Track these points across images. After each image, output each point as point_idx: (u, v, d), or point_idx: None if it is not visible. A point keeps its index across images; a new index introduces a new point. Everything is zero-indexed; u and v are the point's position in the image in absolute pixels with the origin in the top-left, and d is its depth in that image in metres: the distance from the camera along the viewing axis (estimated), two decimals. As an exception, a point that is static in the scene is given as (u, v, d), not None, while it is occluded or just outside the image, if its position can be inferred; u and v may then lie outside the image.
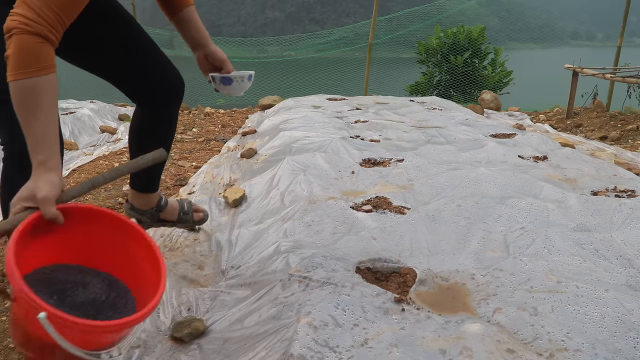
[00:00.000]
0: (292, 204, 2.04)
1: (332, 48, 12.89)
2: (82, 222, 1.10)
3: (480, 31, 10.41)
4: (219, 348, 1.23)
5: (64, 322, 0.90)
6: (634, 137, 4.63)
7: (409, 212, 1.93)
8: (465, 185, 2.20)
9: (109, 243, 1.14)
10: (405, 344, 1.09)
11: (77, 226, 1.09)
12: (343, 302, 1.24)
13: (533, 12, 44.72)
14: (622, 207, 1.89)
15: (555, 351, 1.08)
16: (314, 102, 5.09)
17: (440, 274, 1.48)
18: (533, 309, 1.23)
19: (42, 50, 1.04)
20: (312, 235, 1.74)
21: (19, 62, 1.02)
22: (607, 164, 2.69)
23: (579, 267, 1.49)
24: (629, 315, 1.20)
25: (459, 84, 10.22)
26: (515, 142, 3.18)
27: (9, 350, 1.34)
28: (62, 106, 5.38)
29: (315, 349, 1.08)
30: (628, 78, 5.38)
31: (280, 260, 1.55)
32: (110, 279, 1.12)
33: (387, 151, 2.92)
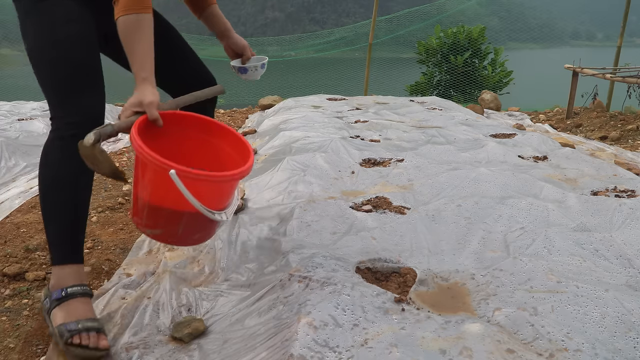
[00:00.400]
0: (292, 204, 2.04)
1: (332, 48, 12.88)
2: (175, 125, 1.36)
3: (481, 31, 10.40)
4: (219, 348, 1.23)
5: (190, 175, 1.15)
6: (634, 137, 4.63)
7: (409, 212, 1.92)
8: (465, 185, 2.20)
9: (198, 142, 1.41)
10: (405, 344, 1.09)
11: (171, 130, 1.36)
12: (343, 302, 1.24)
13: (533, 12, 44.71)
14: (622, 207, 1.89)
15: (555, 351, 1.08)
16: (314, 102, 5.09)
17: (440, 274, 1.48)
18: (533, 308, 1.23)
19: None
20: (312, 235, 1.74)
21: (129, 2, 1.29)
22: (607, 164, 2.69)
23: (579, 267, 1.48)
24: (629, 315, 1.20)
25: (459, 84, 10.22)
26: (515, 142, 3.18)
27: (9, 350, 1.34)
28: (62, 106, 5.38)
29: (315, 348, 1.08)
30: (628, 78, 5.37)
31: (280, 260, 1.55)
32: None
33: (387, 151, 2.92)
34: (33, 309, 1.53)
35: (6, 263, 1.76)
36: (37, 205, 2.36)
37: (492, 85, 10.01)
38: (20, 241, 1.91)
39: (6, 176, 3.04)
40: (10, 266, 1.72)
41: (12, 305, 1.55)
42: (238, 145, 1.39)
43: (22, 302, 1.57)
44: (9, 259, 1.79)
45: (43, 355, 1.32)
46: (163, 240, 1.36)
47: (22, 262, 1.78)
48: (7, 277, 1.69)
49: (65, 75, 1.39)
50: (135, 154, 1.23)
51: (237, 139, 1.39)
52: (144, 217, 1.28)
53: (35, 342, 1.38)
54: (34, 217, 2.16)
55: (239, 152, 1.36)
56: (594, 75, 5.96)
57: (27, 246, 1.87)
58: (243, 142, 1.38)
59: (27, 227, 2.05)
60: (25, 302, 1.57)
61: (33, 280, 1.69)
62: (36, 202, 2.42)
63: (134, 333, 1.33)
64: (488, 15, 22.59)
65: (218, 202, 1.27)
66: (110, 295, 1.55)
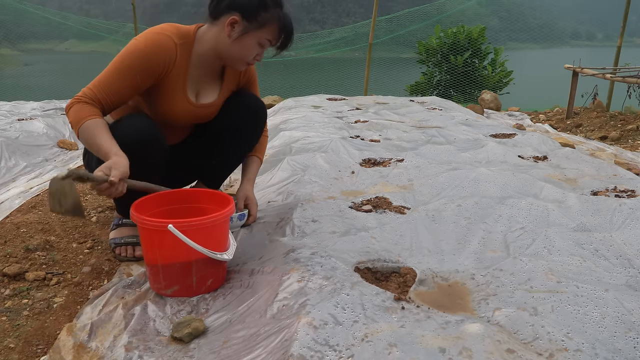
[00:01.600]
0: (292, 204, 2.04)
1: (332, 48, 12.89)
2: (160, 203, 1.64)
3: (481, 31, 10.41)
4: (219, 348, 1.23)
5: (185, 225, 1.39)
6: (634, 137, 4.63)
7: (409, 212, 1.92)
8: (465, 185, 2.20)
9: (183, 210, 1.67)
10: (404, 343, 1.09)
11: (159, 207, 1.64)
12: (343, 301, 1.24)
13: (533, 12, 44.69)
14: (622, 207, 1.89)
15: (555, 351, 1.08)
16: (314, 102, 5.09)
17: (440, 274, 1.48)
18: (533, 308, 1.23)
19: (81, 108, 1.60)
20: (312, 234, 1.74)
21: (72, 121, 1.60)
22: (607, 164, 2.69)
23: (579, 267, 1.49)
24: (629, 315, 1.20)
25: (459, 84, 10.22)
26: (515, 142, 3.18)
27: (9, 350, 1.34)
28: (62, 106, 5.38)
29: (315, 348, 1.08)
30: (628, 78, 5.37)
31: (280, 260, 1.55)
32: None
33: (387, 151, 2.92)
34: (33, 309, 1.53)
35: (6, 263, 1.76)
36: (37, 205, 2.36)
37: (492, 85, 10.01)
38: (20, 241, 1.92)
39: (6, 176, 3.04)
40: (10, 266, 1.72)
41: (12, 305, 1.55)
42: (217, 199, 1.64)
43: (22, 302, 1.57)
44: (9, 259, 1.79)
45: (43, 355, 1.32)
46: (183, 295, 1.50)
47: (22, 262, 1.78)
48: (7, 277, 1.69)
49: None
50: (138, 227, 1.49)
51: (214, 195, 1.67)
52: (161, 280, 1.49)
53: (35, 342, 1.38)
54: (34, 217, 2.16)
55: (219, 204, 1.60)
56: (594, 75, 5.96)
57: (27, 246, 1.87)
58: (220, 195, 1.65)
59: (27, 227, 2.05)
60: (25, 302, 1.57)
61: (33, 280, 1.69)
62: (36, 202, 2.42)
63: (134, 333, 1.33)
64: (488, 15, 22.58)
65: (217, 244, 1.47)
66: (110, 295, 1.55)
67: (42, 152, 3.59)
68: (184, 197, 1.70)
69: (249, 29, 1.69)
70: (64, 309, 1.55)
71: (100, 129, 1.56)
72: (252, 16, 1.67)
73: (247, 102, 1.93)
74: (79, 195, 1.48)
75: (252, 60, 1.76)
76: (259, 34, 1.70)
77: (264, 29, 1.69)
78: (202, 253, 1.41)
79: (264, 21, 1.68)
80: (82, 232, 2.09)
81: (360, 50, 10.91)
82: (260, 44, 1.72)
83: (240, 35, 1.69)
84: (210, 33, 1.74)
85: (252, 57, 1.75)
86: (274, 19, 1.69)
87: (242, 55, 1.73)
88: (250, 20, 1.68)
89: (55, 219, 2.19)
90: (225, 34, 1.70)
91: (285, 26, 1.72)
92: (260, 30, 1.69)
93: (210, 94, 1.86)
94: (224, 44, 1.71)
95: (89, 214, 2.30)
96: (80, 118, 1.56)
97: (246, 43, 1.71)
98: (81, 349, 1.29)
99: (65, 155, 3.63)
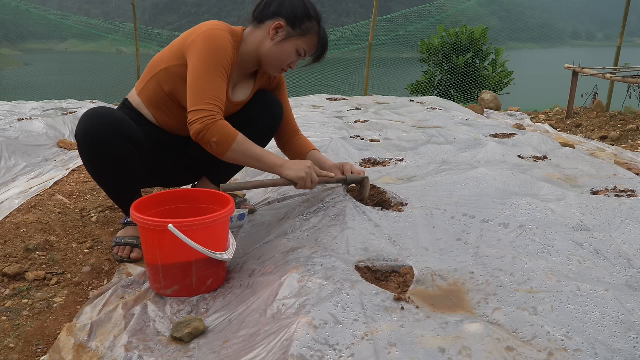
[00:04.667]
0: (292, 204, 2.04)
1: (332, 48, 12.85)
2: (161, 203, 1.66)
3: (483, 32, 10.41)
4: (219, 348, 1.23)
5: (185, 225, 1.39)
6: (634, 137, 4.63)
7: (408, 211, 1.92)
8: (465, 185, 2.20)
9: (185, 210, 1.68)
10: (404, 343, 1.09)
11: (159, 206, 1.65)
12: (343, 301, 1.24)
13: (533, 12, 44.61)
14: (622, 207, 1.89)
15: (555, 350, 1.08)
16: (314, 102, 5.09)
17: (439, 273, 1.48)
18: (533, 308, 1.23)
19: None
20: (312, 234, 1.74)
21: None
22: (607, 163, 2.69)
23: (579, 267, 1.49)
24: (629, 315, 1.20)
25: (459, 84, 10.22)
26: (515, 142, 3.18)
27: (9, 350, 1.34)
28: (62, 106, 5.38)
29: (315, 347, 1.08)
30: (628, 78, 5.37)
31: (279, 260, 1.55)
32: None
33: (387, 151, 2.93)
34: (33, 309, 1.53)
35: (6, 263, 1.76)
36: (37, 205, 2.36)
37: (492, 86, 10.01)
38: (20, 241, 1.92)
39: (6, 176, 3.04)
40: (10, 266, 1.72)
41: (12, 305, 1.55)
42: (217, 199, 1.64)
43: (22, 302, 1.57)
44: (9, 259, 1.79)
45: (43, 355, 1.32)
46: (183, 295, 1.50)
47: (22, 262, 1.78)
48: (7, 277, 1.69)
49: None
50: (138, 227, 1.49)
51: (214, 195, 1.66)
52: (161, 280, 1.49)
53: (35, 342, 1.38)
54: (34, 217, 2.16)
55: (219, 204, 1.61)
56: (594, 75, 5.96)
57: (27, 246, 1.87)
58: (220, 195, 1.64)
59: (27, 227, 2.05)
60: (25, 302, 1.57)
61: (33, 280, 1.69)
62: (36, 202, 2.42)
63: (134, 333, 1.33)
64: (488, 15, 22.57)
65: (217, 244, 1.48)
66: (110, 295, 1.55)
67: (42, 152, 3.59)
68: (184, 197, 1.70)
69: (292, 35, 1.78)
70: (64, 309, 1.55)
71: (252, 143, 1.70)
72: (297, 24, 1.77)
73: (262, 98, 1.99)
74: None
75: (286, 67, 1.85)
76: (299, 41, 1.79)
77: (304, 37, 1.79)
78: (202, 253, 1.41)
79: (306, 30, 1.79)
80: (82, 232, 2.09)
81: (360, 50, 10.91)
82: (298, 51, 1.81)
83: (283, 40, 1.78)
84: (254, 35, 1.82)
85: (287, 64, 1.84)
86: (315, 30, 1.80)
87: (280, 59, 1.81)
88: (294, 27, 1.77)
89: (55, 219, 2.19)
90: (269, 37, 1.79)
91: (323, 39, 1.84)
92: (301, 38, 1.79)
93: (243, 93, 1.94)
94: (266, 46, 1.80)
95: (88, 213, 2.30)
96: (228, 135, 1.63)
97: (286, 48, 1.79)
98: (81, 349, 1.29)
99: (65, 155, 3.63)
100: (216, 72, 1.66)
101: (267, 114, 1.98)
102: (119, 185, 1.77)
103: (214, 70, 1.66)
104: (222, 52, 1.69)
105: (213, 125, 1.61)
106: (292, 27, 1.77)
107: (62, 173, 3.07)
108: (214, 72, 1.66)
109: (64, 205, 2.41)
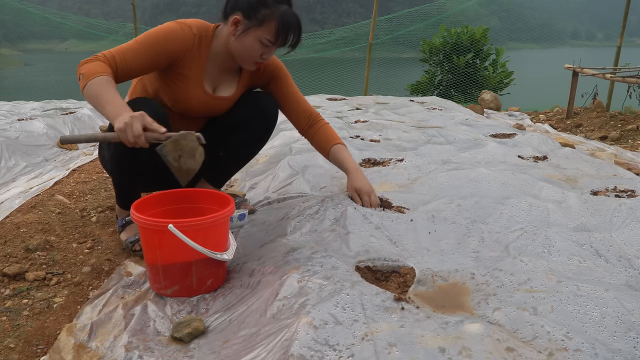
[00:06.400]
0: (292, 204, 2.04)
1: (332, 48, 12.89)
2: (162, 202, 1.66)
3: (484, 32, 10.41)
4: (219, 348, 1.23)
5: (185, 225, 1.39)
6: (634, 137, 4.63)
7: (408, 212, 1.92)
8: (465, 185, 2.20)
9: (184, 209, 1.68)
10: (404, 343, 1.09)
11: (160, 206, 1.66)
12: (343, 301, 1.24)
13: (533, 12, 44.61)
14: (622, 207, 1.89)
15: (555, 350, 1.08)
16: (314, 102, 5.09)
17: (439, 274, 1.48)
18: (533, 308, 1.23)
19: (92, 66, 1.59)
20: (312, 234, 1.74)
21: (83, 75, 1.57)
22: (607, 164, 2.69)
23: (579, 267, 1.49)
24: (629, 315, 1.20)
25: (460, 83, 10.22)
26: (515, 142, 3.18)
27: (9, 350, 1.34)
28: (62, 106, 5.38)
29: (315, 347, 1.08)
30: (628, 78, 5.37)
31: (279, 260, 1.55)
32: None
33: (387, 151, 2.92)
34: (33, 309, 1.53)
35: (6, 263, 1.76)
36: (37, 205, 2.36)
37: (492, 86, 10.01)
38: (20, 241, 1.92)
39: (6, 176, 3.04)
40: (10, 266, 1.72)
41: (12, 305, 1.55)
42: (217, 199, 1.65)
43: (22, 302, 1.57)
44: (9, 259, 1.79)
45: (43, 355, 1.32)
46: (183, 295, 1.50)
47: (22, 262, 1.78)
48: (7, 277, 1.69)
49: None
50: (139, 226, 1.48)
51: (214, 195, 1.67)
52: (161, 280, 1.49)
53: (35, 342, 1.38)
54: (34, 217, 2.16)
55: (219, 204, 1.61)
56: (594, 75, 5.96)
57: (27, 246, 1.87)
58: (220, 195, 1.65)
59: (27, 227, 2.05)
60: (25, 302, 1.57)
61: (33, 280, 1.69)
62: (36, 202, 2.42)
63: (134, 333, 1.33)
64: (488, 15, 22.58)
65: (217, 244, 1.48)
66: (110, 295, 1.55)
67: (42, 152, 3.59)
68: (184, 197, 1.70)
69: (249, 27, 1.72)
70: (64, 309, 1.55)
71: (112, 86, 1.55)
72: (252, 14, 1.71)
73: (256, 99, 1.98)
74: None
75: (259, 59, 1.78)
76: (259, 32, 1.72)
77: (263, 26, 1.71)
78: (202, 253, 1.41)
79: (263, 19, 1.71)
80: (82, 232, 2.09)
81: (360, 50, 10.91)
82: (262, 42, 1.73)
83: (242, 33, 1.74)
84: (222, 32, 1.82)
85: (259, 56, 1.77)
86: (274, 15, 1.70)
87: (245, 53, 1.76)
88: (251, 19, 1.72)
89: (55, 219, 2.19)
90: (231, 33, 1.76)
91: (285, 23, 1.71)
92: (260, 28, 1.72)
93: (228, 89, 1.93)
94: (231, 42, 1.78)
95: (88, 213, 2.30)
96: (93, 72, 1.55)
97: (247, 42, 1.74)
98: (81, 349, 1.29)
99: (65, 155, 3.63)
100: (140, 44, 1.67)
101: (261, 115, 1.97)
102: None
103: (140, 42, 1.68)
104: (161, 34, 1.70)
105: (88, 62, 1.60)
106: (249, 18, 1.72)
107: (62, 173, 3.06)
108: (138, 44, 1.67)
109: (64, 205, 2.41)
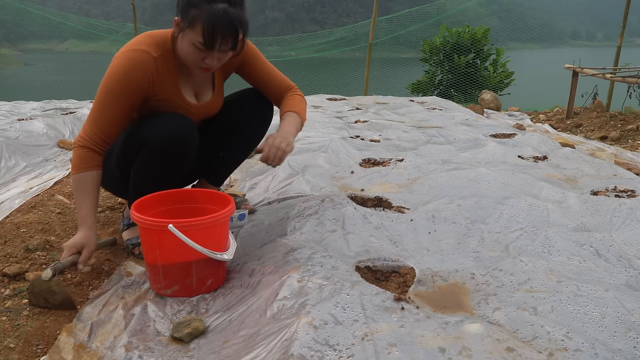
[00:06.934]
0: (292, 204, 2.04)
1: (332, 48, 12.90)
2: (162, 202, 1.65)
3: (484, 32, 10.41)
4: (219, 348, 1.23)
5: (185, 225, 1.39)
6: (634, 137, 4.63)
7: (408, 212, 1.92)
8: (465, 185, 2.20)
9: (184, 209, 1.67)
10: (404, 343, 1.09)
11: (160, 206, 1.65)
12: (343, 301, 1.24)
13: (533, 12, 44.64)
14: (622, 207, 1.89)
15: (555, 350, 1.08)
16: (314, 102, 5.09)
17: (439, 274, 1.48)
18: (533, 308, 1.23)
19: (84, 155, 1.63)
20: (312, 234, 1.74)
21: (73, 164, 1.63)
22: (607, 164, 2.70)
23: (579, 267, 1.49)
24: (629, 315, 1.20)
25: (460, 83, 10.22)
26: (515, 142, 3.18)
27: (9, 350, 1.34)
28: (62, 106, 5.38)
29: (315, 347, 1.08)
30: (628, 78, 5.37)
31: (279, 260, 1.55)
32: None
33: (387, 151, 2.93)
34: (33, 309, 1.53)
35: (6, 263, 1.76)
36: (37, 205, 2.36)
37: (493, 86, 10.01)
38: (20, 241, 1.92)
39: (6, 176, 3.04)
40: (10, 266, 1.72)
41: (12, 305, 1.55)
42: (217, 199, 1.64)
43: (22, 302, 1.57)
44: (9, 259, 1.79)
45: (43, 355, 1.32)
46: (183, 295, 1.50)
47: (22, 262, 1.78)
48: (7, 277, 1.69)
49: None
50: (139, 226, 1.48)
51: (214, 195, 1.66)
52: (161, 280, 1.49)
53: (35, 342, 1.38)
54: (34, 217, 2.16)
55: (219, 204, 1.60)
56: (594, 75, 5.95)
57: (27, 246, 1.87)
58: (220, 195, 1.64)
59: (27, 227, 2.05)
60: (25, 302, 1.57)
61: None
62: (36, 202, 2.42)
63: (134, 333, 1.33)
64: (488, 15, 22.58)
65: (217, 244, 1.48)
66: (110, 295, 1.55)
67: (42, 152, 3.59)
68: (184, 197, 1.70)
69: (183, 29, 1.57)
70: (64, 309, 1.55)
71: (91, 187, 1.62)
72: (185, 15, 1.55)
73: (252, 101, 1.97)
74: (67, 288, 1.58)
75: (202, 64, 1.60)
76: (190, 34, 1.55)
77: (194, 28, 1.53)
78: (202, 253, 1.41)
79: (193, 20, 1.53)
80: (82, 232, 2.09)
81: (360, 50, 10.92)
82: (195, 45, 1.55)
83: (178, 36, 1.61)
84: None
85: (201, 60, 1.60)
86: (201, 15, 1.50)
87: (186, 59, 1.61)
88: (183, 20, 1.56)
89: (55, 219, 2.19)
90: (175, 36, 1.64)
91: (212, 24, 1.49)
92: (191, 30, 1.54)
93: (208, 92, 1.86)
94: (176, 46, 1.65)
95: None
96: (78, 166, 1.62)
97: (184, 45, 1.59)
98: (81, 349, 1.29)
99: (65, 155, 3.63)
100: (107, 99, 1.60)
101: (255, 119, 1.98)
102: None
103: (105, 98, 1.61)
104: (121, 76, 1.59)
105: (75, 151, 1.63)
106: (183, 20, 1.56)
107: (62, 173, 3.06)
108: (105, 99, 1.61)
109: (64, 205, 2.41)
